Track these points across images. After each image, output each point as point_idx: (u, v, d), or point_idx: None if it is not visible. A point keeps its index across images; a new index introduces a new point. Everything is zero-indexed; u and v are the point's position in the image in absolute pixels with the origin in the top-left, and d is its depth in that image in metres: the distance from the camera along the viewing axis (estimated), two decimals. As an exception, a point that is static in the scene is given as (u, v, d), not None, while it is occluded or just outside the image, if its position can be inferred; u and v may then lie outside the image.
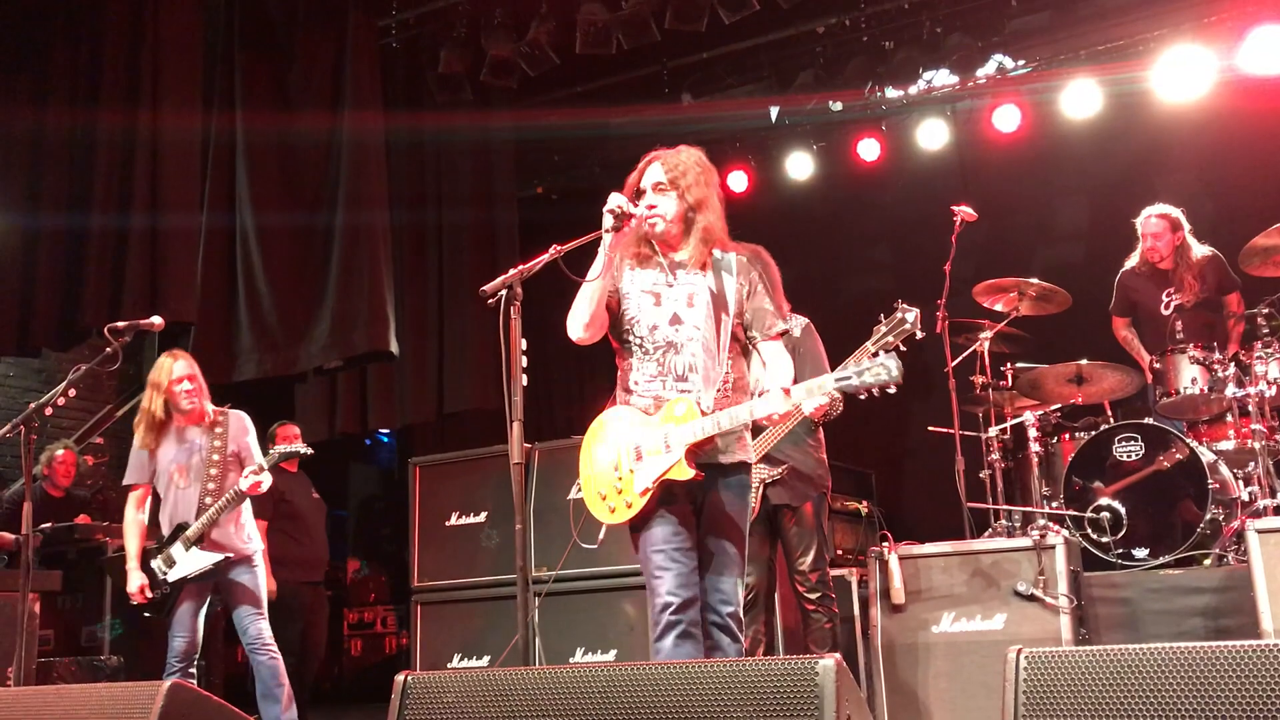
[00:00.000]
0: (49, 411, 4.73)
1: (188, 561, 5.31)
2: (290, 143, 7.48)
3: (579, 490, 5.96)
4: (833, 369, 4.54)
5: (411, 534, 6.49)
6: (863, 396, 3.41)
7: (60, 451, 7.53)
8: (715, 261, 3.70)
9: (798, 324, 5.00)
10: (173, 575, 5.32)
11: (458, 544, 6.30)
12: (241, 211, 7.31)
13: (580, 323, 3.70)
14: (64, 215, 6.94)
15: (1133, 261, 6.74)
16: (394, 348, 7.21)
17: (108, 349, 4.88)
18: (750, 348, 3.74)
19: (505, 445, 3.58)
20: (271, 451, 5.54)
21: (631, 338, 3.72)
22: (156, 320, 5.21)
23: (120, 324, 4.99)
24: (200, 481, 5.40)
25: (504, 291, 3.58)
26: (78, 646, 6.53)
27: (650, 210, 3.66)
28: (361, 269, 7.21)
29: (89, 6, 7.16)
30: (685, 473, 3.47)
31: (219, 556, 5.32)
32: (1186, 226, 6.54)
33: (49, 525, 6.85)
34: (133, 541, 5.46)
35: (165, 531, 5.45)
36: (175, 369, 5.45)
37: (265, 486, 5.40)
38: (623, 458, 3.63)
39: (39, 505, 7.11)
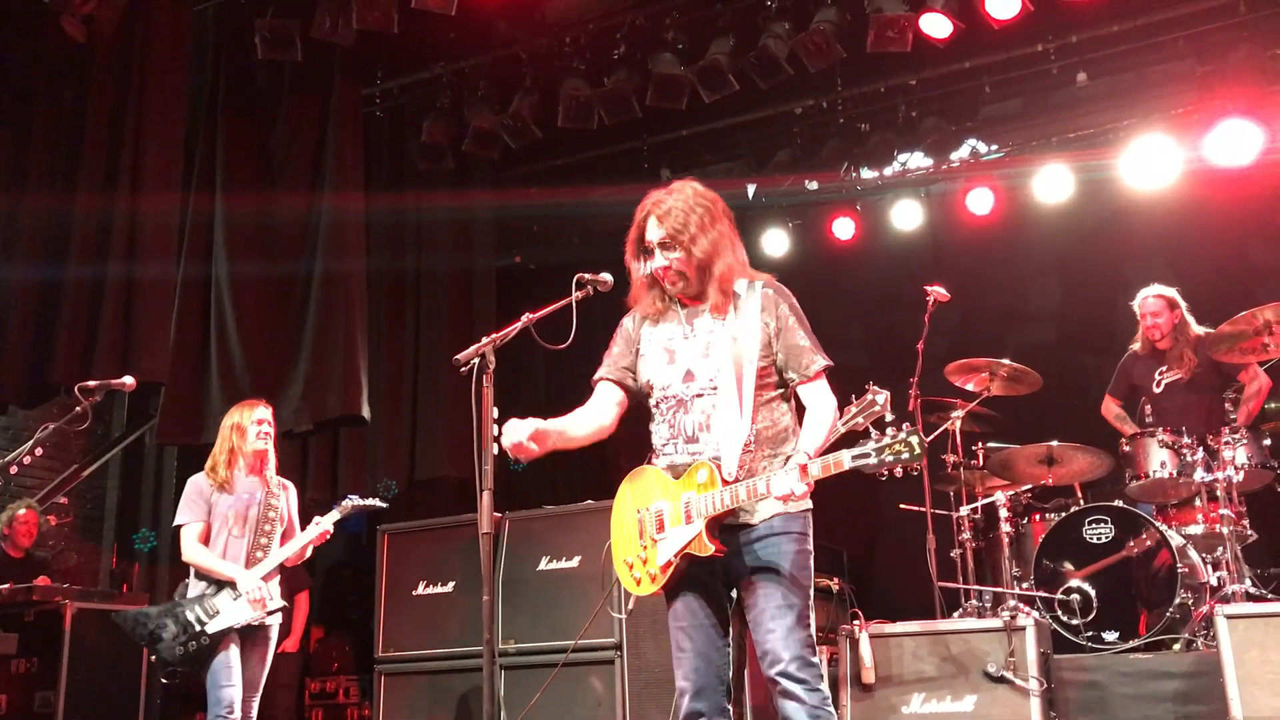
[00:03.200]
0: (14, 470, 4.67)
1: (235, 612, 5.11)
2: (270, 208, 7.51)
3: (551, 561, 5.95)
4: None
5: (377, 602, 6.40)
6: (883, 476, 3.13)
7: (22, 511, 7.40)
8: (737, 299, 3.43)
9: None
10: (214, 626, 5.09)
11: (424, 614, 6.22)
12: (217, 273, 7.30)
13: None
14: (36, 271, 6.90)
15: (1136, 345, 6.81)
16: (366, 412, 7.17)
17: (77, 408, 4.83)
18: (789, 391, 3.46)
19: (475, 514, 3.55)
20: (348, 499, 5.47)
21: (650, 400, 3.51)
22: (128, 380, 5.17)
23: (91, 383, 4.94)
24: (254, 535, 5.30)
25: (477, 360, 3.58)
26: (31, 713, 6.36)
27: (664, 272, 3.43)
28: (336, 332, 7.20)
29: (74, 64, 7.20)
30: (705, 548, 3.22)
31: (274, 605, 5.20)
32: (1183, 305, 6.65)
33: (7, 586, 6.70)
34: (214, 560, 5.20)
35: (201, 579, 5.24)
36: (259, 410, 5.46)
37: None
38: (647, 525, 3.39)
39: (-3, 566, 6.99)
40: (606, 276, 3.76)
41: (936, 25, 6.89)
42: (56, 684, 6.30)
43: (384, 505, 5.66)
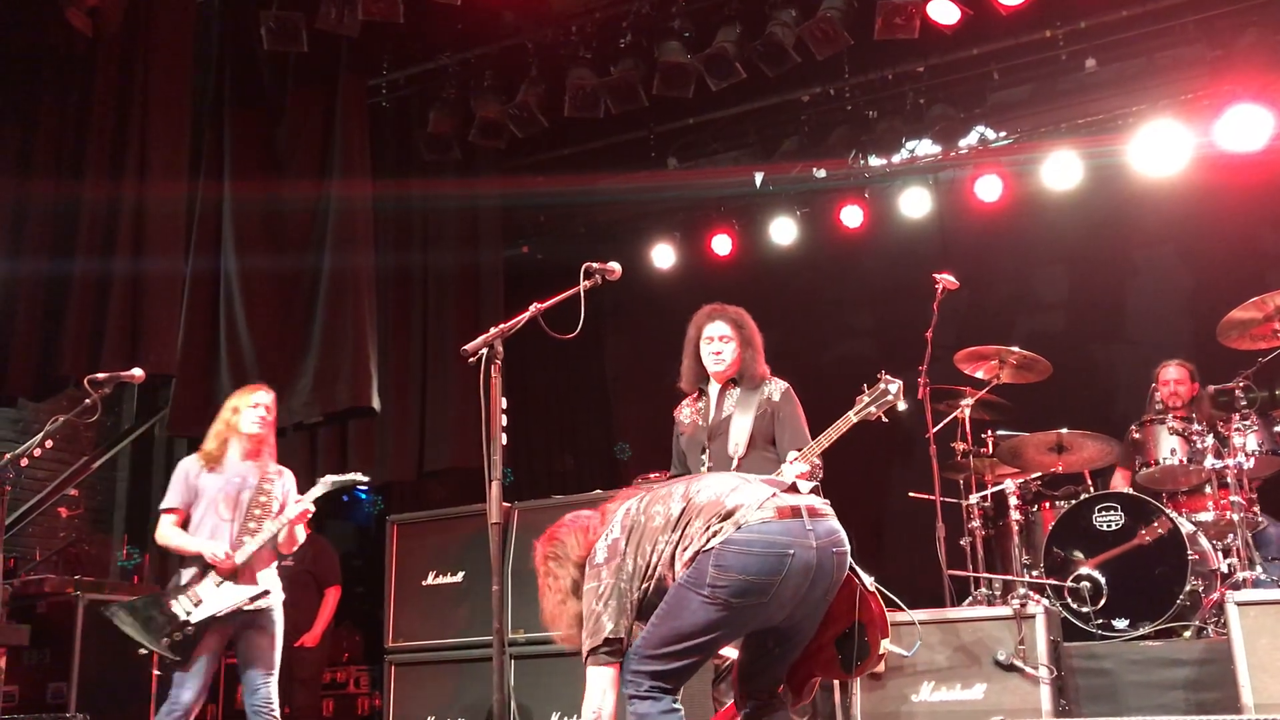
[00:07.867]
0: (24, 462, 4.68)
1: (218, 598, 4.93)
2: (277, 200, 7.51)
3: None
4: (813, 434, 4.54)
5: (387, 593, 6.41)
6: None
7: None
8: None
9: (777, 388, 4.76)
10: (198, 615, 4.92)
11: (434, 604, 6.23)
12: (226, 265, 7.30)
13: None
14: (44, 264, 6.91)
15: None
16: (375, 404, 7.18)
17: (87, 400, 4.83)
18: None
19: (484, 504, 3.55)
20: (327, 476, 5.26)
21: None
22: (137, 372, 5.17)
23: (100, 375, 4.95)
24: (243, 520, 5.10)
25: (485, 350, 3.59)
26: (43, 704, 6.39)
27: None
28: (345, 324, 7.20)
29: (80, 57, 7.19)
30: None
31: (256, 589, 4.98)
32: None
33: (18, 580, 6.73)
34: (183, 538, 5.06)
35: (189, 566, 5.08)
36: (258, 395, 5.29)
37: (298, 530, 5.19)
38: None
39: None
40: (615, 266, 3.75)
41: (944, 11, 6.86)
42: (69, 675, 6.33)
43: (365, 479, 5.46)
